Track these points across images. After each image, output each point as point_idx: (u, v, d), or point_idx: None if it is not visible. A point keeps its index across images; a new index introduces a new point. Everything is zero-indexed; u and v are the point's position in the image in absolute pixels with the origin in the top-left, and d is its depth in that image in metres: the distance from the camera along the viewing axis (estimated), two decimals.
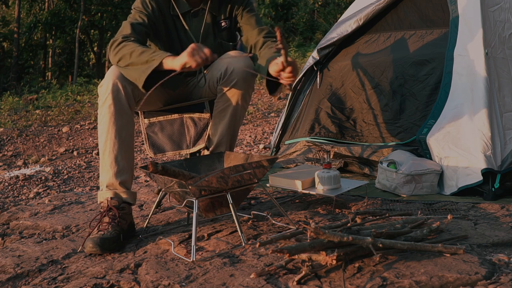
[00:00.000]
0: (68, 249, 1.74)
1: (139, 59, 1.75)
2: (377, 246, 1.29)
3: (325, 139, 2.79)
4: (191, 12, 2.02)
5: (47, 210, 2.40)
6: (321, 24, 14.68)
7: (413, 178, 2.13)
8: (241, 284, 1.29)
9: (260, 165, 1.66)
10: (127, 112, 1.82)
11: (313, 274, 1.30)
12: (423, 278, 1.23)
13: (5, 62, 19.42)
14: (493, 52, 2.22)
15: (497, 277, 1.24)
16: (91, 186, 3.47)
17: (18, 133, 6.19)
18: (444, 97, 2.24)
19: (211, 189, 1.59)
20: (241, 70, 1.89)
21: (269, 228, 1.77)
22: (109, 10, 19.02)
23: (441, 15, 2.53)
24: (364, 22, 2.78)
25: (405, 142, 2.45)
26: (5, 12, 21.66)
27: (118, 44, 1.84)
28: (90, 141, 5.81)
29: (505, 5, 2.39)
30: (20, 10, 17.37)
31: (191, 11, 2.02)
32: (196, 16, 2.04)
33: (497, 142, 2.06)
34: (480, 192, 2.05)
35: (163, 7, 1.99)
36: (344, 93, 2.84)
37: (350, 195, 2.17)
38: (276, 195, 2.30)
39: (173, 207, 2.16)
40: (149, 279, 1.40)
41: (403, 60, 2.60)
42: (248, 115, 6.26)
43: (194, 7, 2.02)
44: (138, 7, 1.96)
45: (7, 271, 1.58)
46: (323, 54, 2.96)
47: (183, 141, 2.14)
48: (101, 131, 1.80)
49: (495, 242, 1.49)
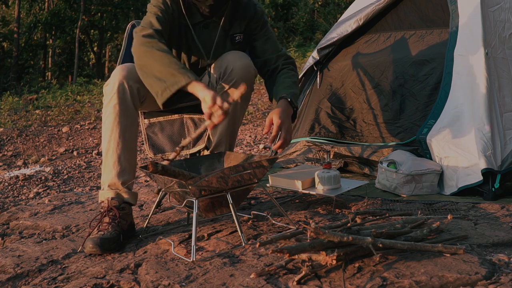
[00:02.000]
0: (68, 249, 1.74)
1: (165, 71, 1.67)
2: (377, 246, 1.29)
3: (325, 139, 2.79)
4: (202, 23, 1.97)
5: (47, 210, 2.40)
6: (321, 24, 14.67)
7: (413, 178, 2.13)
8: (241, 284, 1.29)
9: (260, 165, 1.66)
10: (132, 113, 1.81)
11: (313, 274, 1.30)
12: (423, 278, 1.23)
13: (5, 62, 19.42)
14: (493, 52, 2.22)
15: (497, 277, 1.24)
16: (91, 186, 3.47)
17: (18, 133, 6.19)
18: (444, 97, 2.24)
19: (211, 189, 1.59)
20: (241, 70, 1.89)
21: (269, 228, 1.77)
22: (109, 10, 19.03)
23: (441, 15, 2.53)
24: (364, 22, 2.78)
25: (405, 142, 2.45)
26: (5, 12, 21.66)
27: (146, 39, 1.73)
28: (90, 141, 5.81)
29: (505, 5, 2.39)
30: (20, 10, 17.38)
31: (202, 22, 1.97)
32: (207, 27, 1.98)
33: (497, 142, 2.06)
34: (480, 192, 2.05)
35: (178, 13, 1.93)
36: (344, 93, 2.84)
37: (350, 195, 2.17)
38: (276, 195, 2.30)
39: (173, 207, 2.16)
40: (149, 279, 1.39)
41: (403, 60, 2.60)
42: (248, 115, 6.26)
43: (206, 18, 1.97)
44: (159, 6, 1.87)
45: (7, 271, 1.58)
46: (323, 54, 2.96)
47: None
48: (105, 130, 1.79)
49: (495, 242, 1.49)
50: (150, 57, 1.71)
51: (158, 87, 1.68)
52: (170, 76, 1.66)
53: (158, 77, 1.68)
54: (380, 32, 2.79)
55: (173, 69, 1.66)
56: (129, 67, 1.82)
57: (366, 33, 2.85)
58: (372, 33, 2.83)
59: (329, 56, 2.98)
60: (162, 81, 1.67)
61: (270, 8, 15.45)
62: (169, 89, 1.66)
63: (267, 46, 2.05)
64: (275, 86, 1.97)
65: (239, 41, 2.04)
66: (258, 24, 2.04)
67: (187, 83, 1.64)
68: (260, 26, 2.04)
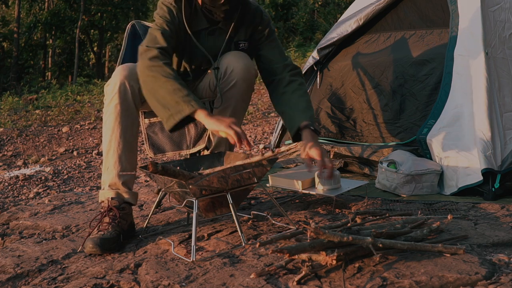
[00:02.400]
0: (68, 249, 1.74)
1: (170, 98, 1.67)
2: (377, 246, 1.29)
3: (325, 139, 2.80)
4: (208, 29, 1.95)
5: (47, 210, 2.40)
6: (321, 24, 14.68)
7: (413, 178, 2.13)
8: (241, 284, 1.29)
9: (260, 165, 1.66)
10: (133, 113, 1.81)
11: (313, 274, 1.30)
12: (423, 278, 1.23)
13: (5, 62, 19.43)
14: (493, 52, 2.22)
15: (497, 277, 1.24)
16: (91, 186, 3.47)
17: (18, 133, 6.19)
18: (444, 97, 2.24)
19: (211, 189, 1.59)
20: (241, 70, 1.88)
21: (269, 228, 1.77)
22: (109, 10, 19.05)
23: (441, 15, 2.53)
24: (364, 22, 2.78)
25: (405, 142, 2.45)
26: (5, 12, 21.67)
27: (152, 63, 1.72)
28: (90, 141, 5.81)
29: (505, 5, 2.39)
30: (20, 10, 17.39)
31: (208, 29, 1.95)
32: (213, 34, 1.96)
33: (497, 142, 2.06)
34: (480, 192, 2.05)
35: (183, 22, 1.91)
36: (344, 93, 2.85)
37: (350, 195, 2.17)
38: (276, 195, 2.30)
39: (173, 207, 2.16)
40: (149, 279, 1.39)
41: (403, 60, 2.60)
42: (248, 115, 6.26)
43: (212, 25, 1.94)
44: (165, 17, 1.85)
45: (7, 271, 1.58)
46: (323, 54, 2.96)
47: (183, 141, 2.14)
48: (106, 130, 1.79)
49: (495, 242, 1.48)
50: (155, 82, 1.71)
51: (163, 114, 1.70)
52: (175, 104, 1.67)
53: (163, 104, 1.69)
54: (380, 32, 2.79)
55: (178, 96, 1.67)
56: (130, 67, 1.82)
57: (366, 33, 2.85)
58: (372, 33, 2.83)
59: (329, 56, 2.98)
60: (166, 108, 1.68)
61: (270, 8, 15.46)
62: (173, 117, 1.67)
63: (273, 55, 2.01)
64: (290, 109, 1.90)
65: (243, 48, 2.00)
66: (264, 32, 2.00)
67: (192, 112, 1.66)
68: (266, 35, 2.01)
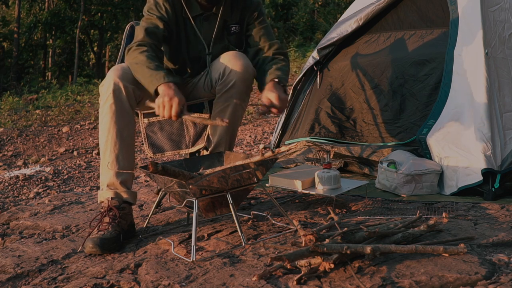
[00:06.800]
0: (68, 249, 1.74)
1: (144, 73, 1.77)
2: (376, 254, 1.29)
3: (325, 139, 2.79)
4: (202, 15, 2.00)
5: (47, 210, 2.40)
6: (321, 24, 14.68)
7: (413, 178, 2.12)
8: (241, 284, 1.29)
9: (260, 165, 1.66)
10: (128, 112, 1.81)
11: (313, 274, 1.30)
12: (423, 278, 1.23)
13: (5, 62, 19.42)
14: (493, 52, 2.22)
15: (497, 277, 1.24)
16: (91, 186, 3.47)
17: (18, 133, 6.19)
18: (444, 97, 2.24)
19: (211, 189, 1.59)
20: (239, 70, 1.88)
21: (269, 228, 1.77)
22: (109, 10, 19.03)
23: (441, 15, 2.53)
24: (364, 22, 2.78)
25: (405, 142, 2.45)
26: (5, 12, 21.66)
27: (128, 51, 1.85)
28: (90, 141, 5.81)
29: (505, 5, 2.39)
30: (20, 10, 17.37)
31: (202, 15, 2.00)
32: (207, 20, 2.01)
33: (497, 142, 2.06)
34: (480, 192, 2.05)
35: (176, 9, 1.97)
36: (344, 93, 2.84)
37: (350, 195, 2.17)
38: (276, 195, 2.30)
39: (173, 207, 2.16)
40: (149, 279, 1.39)
41: (403, 60, 2.60)
42: (248, 115, 6.26)
43: (206, 11, 2.00)
44: (152, 10, 1.93)
45: (7, 271, 1.58)
46: (323, 54, 2.96)
47: (182, 141, 2.14)
48: (102, 130, 1.79)
49: (495, 242, 1.48)
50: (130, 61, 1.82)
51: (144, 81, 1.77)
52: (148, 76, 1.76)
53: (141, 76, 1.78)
54: (380, 32, 2.79)
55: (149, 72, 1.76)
56: (123, 67, 1.85)
57: (366, 33, 2.85)
58: (372, 33, 2.83)
59: (329, 56, 2.98)
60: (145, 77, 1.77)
61: (270, 8, 15.46)
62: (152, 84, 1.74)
63: (261, 35, 2.05)
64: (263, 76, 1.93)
65: (235, 31, 2.06)
66: (254, 14, 2.05)
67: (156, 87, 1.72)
68: (255, 17, 2.05)
